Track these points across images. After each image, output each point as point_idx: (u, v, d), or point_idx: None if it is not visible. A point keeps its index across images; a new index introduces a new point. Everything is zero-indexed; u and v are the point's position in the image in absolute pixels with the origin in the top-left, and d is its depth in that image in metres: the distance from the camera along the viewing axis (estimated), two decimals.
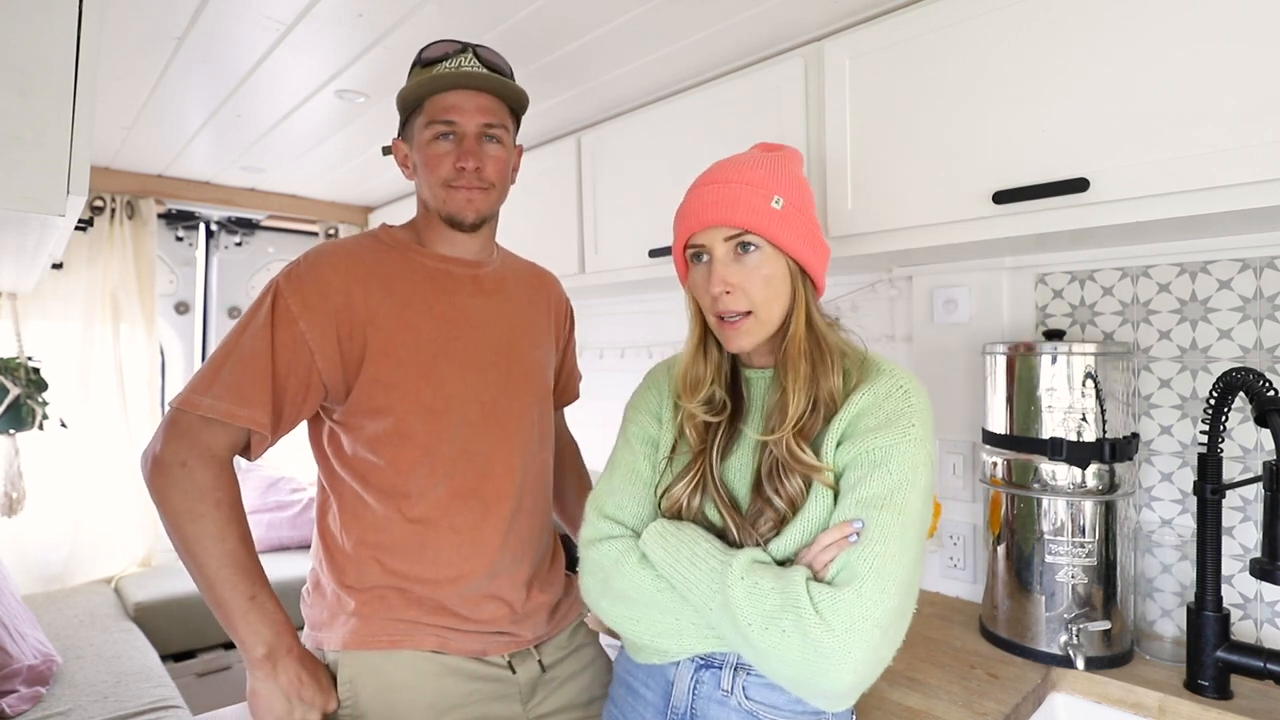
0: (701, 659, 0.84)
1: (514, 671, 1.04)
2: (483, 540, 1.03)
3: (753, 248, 0.82)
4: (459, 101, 1.02)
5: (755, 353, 0.89)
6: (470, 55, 1.04)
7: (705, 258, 0.85)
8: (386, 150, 1.14)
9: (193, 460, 0.91)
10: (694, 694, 0.84)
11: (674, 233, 0.89)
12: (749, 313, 0.83)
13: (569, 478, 1.35)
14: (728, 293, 0.82)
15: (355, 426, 1.01)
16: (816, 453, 0.80)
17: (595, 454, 1.38)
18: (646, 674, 0.90)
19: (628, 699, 0.92)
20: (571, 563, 1.27)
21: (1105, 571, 1.14)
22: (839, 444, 0.80)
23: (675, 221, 0.88)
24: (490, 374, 1.07)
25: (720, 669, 0.83)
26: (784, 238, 0.81)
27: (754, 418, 0.89)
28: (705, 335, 0.90)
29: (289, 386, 0.96)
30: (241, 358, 0.94)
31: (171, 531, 0.92)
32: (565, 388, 1.33)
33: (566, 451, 1.37)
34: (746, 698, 0.81)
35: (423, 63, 1.04)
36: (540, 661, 1.07)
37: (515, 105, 1.09)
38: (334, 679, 0.99)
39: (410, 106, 1.05)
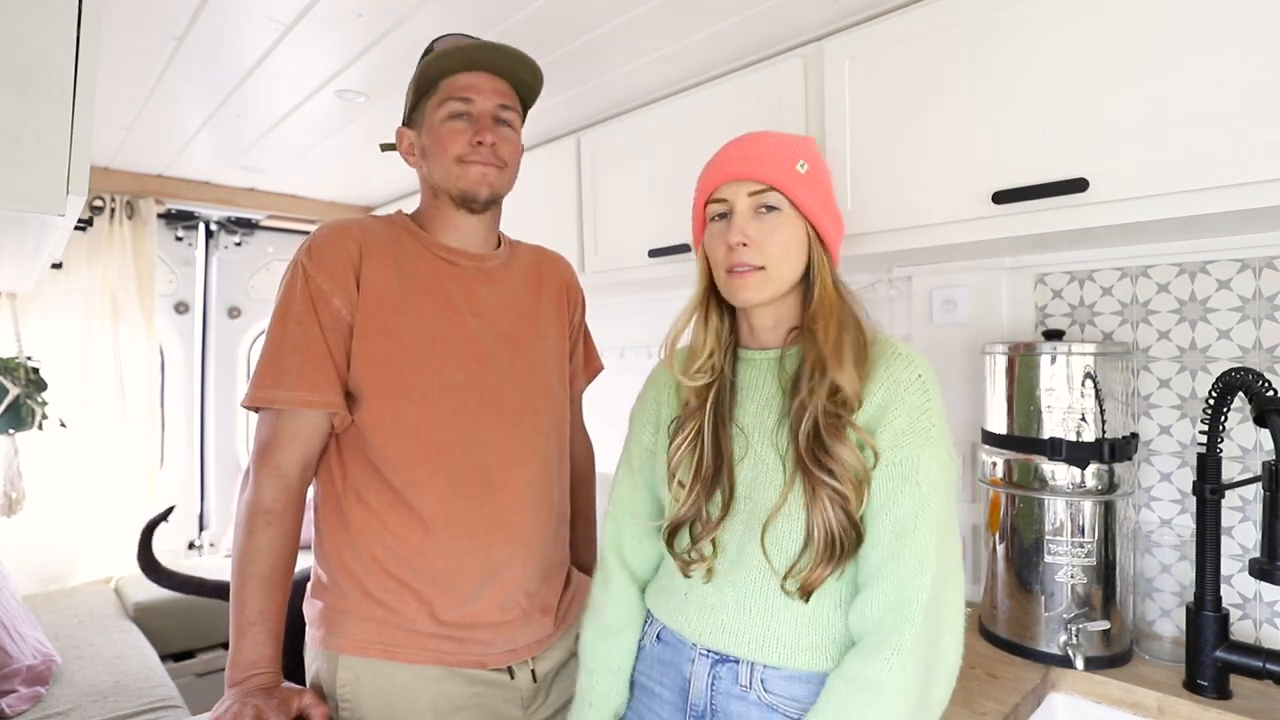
0: (717, 654, 0.83)
1: (513, 677, 1.04)
2: (480, 534, 1.01)
3: (774, 209, 0.83)
4: (476, 81, 1.03)
5: (761, 329, 0.88)
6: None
7: (727, 215, 0.85)
8: (385, 147, 1.13)
9: (261, 475, 0.96)
10: (712, 690, 0.83)
11: (696, 189, 0.89)
12: (761, 268, 0.83)
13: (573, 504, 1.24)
14: (744, 244, 0.83)
15: (350, 407, 1.00)
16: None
17: (596, 453, 1.38)
18: (662, 673, 0.89)
19: (643, 699, 0.91)
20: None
21: (1104, 571, 1.14)
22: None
23: (700, 178, 0.89)
24: (493, 364, 1.05)
25: (738, 663, 0.81)
26: (805, 200, 0.83)
27: (747, 402, 0.87)
28: (707, 300, 0.90)
29: (343, 362, 1.00)
30: (297, 345, 0.97)
31: (235, 530, 0.98)
32: (584, 361, 1.30)
33: (575, 472, 1.27)
34: (766, 691, 0.80)
35: (433, 53, 1.04)
36: (534, 671, 1.05)
37: (526, 95, 1.11)
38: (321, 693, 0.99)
39: (424, 88, 1.05)
